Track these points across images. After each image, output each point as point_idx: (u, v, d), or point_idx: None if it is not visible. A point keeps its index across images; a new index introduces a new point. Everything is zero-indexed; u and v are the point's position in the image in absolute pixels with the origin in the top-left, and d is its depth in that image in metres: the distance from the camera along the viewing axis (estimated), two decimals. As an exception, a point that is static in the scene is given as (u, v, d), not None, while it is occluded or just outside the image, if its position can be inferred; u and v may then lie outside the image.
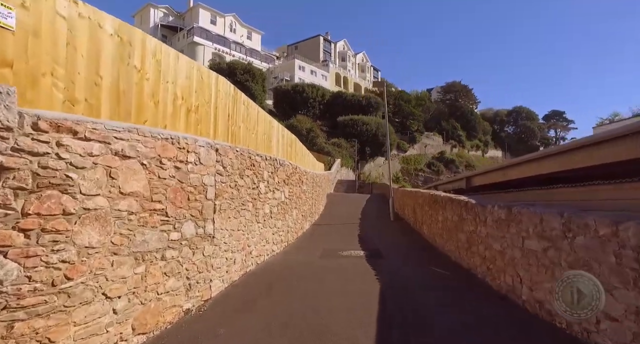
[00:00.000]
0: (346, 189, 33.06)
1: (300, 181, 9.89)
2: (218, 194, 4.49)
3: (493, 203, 4.59)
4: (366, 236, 9.76)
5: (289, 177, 8.31)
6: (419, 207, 9.72)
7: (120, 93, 3.27)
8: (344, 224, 12.17)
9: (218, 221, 4.48)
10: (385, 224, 12.54)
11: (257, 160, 6.00)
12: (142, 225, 3.07)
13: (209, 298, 4.26)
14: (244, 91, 7.43)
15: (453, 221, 6.18)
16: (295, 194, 9.13)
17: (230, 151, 4.87)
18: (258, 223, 6.13)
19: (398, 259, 6.67)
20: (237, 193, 5.12)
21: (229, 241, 4.88)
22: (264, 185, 6.41)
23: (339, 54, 75.71)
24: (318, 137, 40.15)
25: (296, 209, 9.23)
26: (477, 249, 5.04)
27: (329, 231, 10.86)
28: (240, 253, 5.29)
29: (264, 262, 6.34)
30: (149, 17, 54.95)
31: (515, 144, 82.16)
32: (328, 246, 8.19)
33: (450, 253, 6.39)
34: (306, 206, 10.99)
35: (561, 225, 3.15)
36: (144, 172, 3.12)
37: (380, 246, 8.18)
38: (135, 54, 3.48)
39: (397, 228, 11.31)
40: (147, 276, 3.13)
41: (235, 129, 6.28)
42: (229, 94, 5.95)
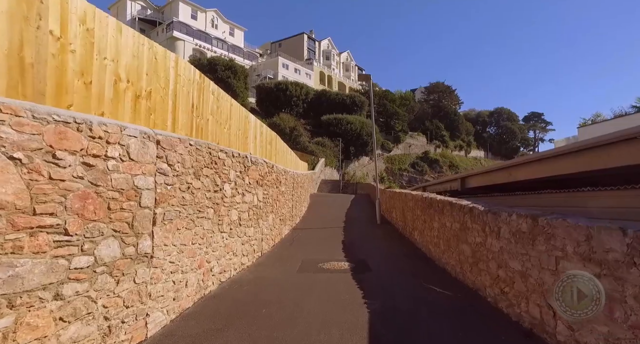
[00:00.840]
0: (330, 189, 32.14)
1: (278, 181, 8.85)
2: (161, 200, 3.43)
3: (509, 210, 3.69)
4: (351, 242, 8.81)
5: (264, 177, 7.27)
6: (409, 210, 8.83)
7: (26, 65, 2.36)
8: (328, 229, 11.20)
9: (160, 235, 3.42)
10: (371, 228, 11.62)
11: (220, 157, 4.95)
12: (9, 252, 2.00)
13: (144, 340, 3.19)
14: (226, 89, 6.48)
15: (453, 229, 5.29)
16: (272, 197, 8.10)
17: (179, 144, 3.81)
18: (222, 233, 5.09)
19: (388, 274, 5.73)
20: (190, 198, 4.07)
21: (179, 258, 3.82)
22: (230, 187, 5.36)
23: (324, 53, 74.80)
24: (301, 136, 39.12)
25: (273, 214, 8.19)
26: (486, 266, 4.15)
27: (311, 236, 9.86)
28: (195, 273, 4.23)
29: (229, 279, 5.28)
30: (125, 9, 52.55)
31: (497, 145, 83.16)
32: (308, 255, 7.19)
33: (450, 267, 5.49)
34: (285, 209, 9.97)
35: (625, 246, 2.25)
36: (15, 171, 2.05)
37: (367, 255, 7.24)
38: (51, 15, 2.52)
39: (384, 233, 10.40)
40: (19, 329, 2.05)
41: (201, 122, 5.26)
42: (194, 81, 4.93)
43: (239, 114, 7.13)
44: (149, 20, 55.04)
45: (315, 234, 10.20)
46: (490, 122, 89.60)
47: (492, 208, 4.11)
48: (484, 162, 73.53)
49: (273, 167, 8.15)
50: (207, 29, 57.19)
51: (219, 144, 5.93)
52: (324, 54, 74.72)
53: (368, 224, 12.51)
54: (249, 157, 6.20)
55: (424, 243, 7.20)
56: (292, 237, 9.54)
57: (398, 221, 10.71)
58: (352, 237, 9.58)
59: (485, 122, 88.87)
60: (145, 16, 55.06)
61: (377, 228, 11.56)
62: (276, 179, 8.57)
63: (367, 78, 11.58)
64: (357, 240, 9.23)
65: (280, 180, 9.10)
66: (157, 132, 3.42)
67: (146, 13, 55.50)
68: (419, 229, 7.64)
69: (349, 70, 79.13)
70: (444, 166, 58.28)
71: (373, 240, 9.37)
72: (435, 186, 11.76)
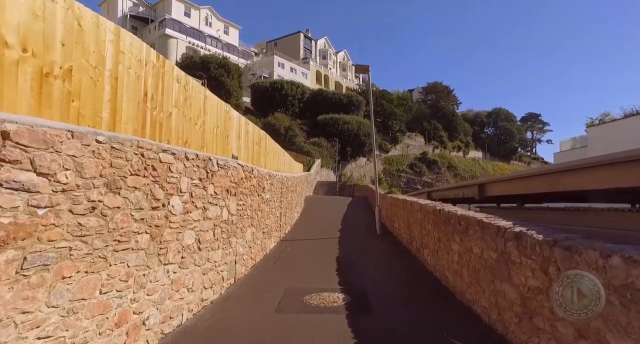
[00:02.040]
0: (326, 191, 30.67)
1: (260, 188, 7.42)
2: (14, 235, 2.00)
3: (598, 245, 2.28)
4: (347, 261, 7.38)
5: (239, 184, 5.84)
6: (416, 223, 7.40)
7: None
8: (321, 240, 9.76)
9: (10, 300, 1.99)
10: (371, 240, 10.19)
11: (162, 160, 3.51)
12: None
13: None
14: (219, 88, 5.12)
15: (485, 258, 3.87)
16: (252, 207, 6.66)
17: (69, 140, 2.37)
18: (167, 265, 3.65)
19: (396, 316, 4.31)
20: (99, 224, 2.64)
21: (67, 325, 2.39)
22: (182, 200, 3.93)
23: (320, 52, 73.42)
24: (297, 136, 37.68)
25: (253, 227, 6.75)
26: (551, 327, 2.73)
27: (301, 251, 8.42)
28: (107, 336, 2.79)
29: (178, 329, 3.84)
30: (116, 6, 50.90)
31: (495, 146, 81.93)
32: (294, 281, 5.77)
33: (480, 310, 4.06)
34: (271, 219, 8.54)
35: None
36: None
37: (367, 281, 5.82)
38: None
39: (386, 248, 8.95)
40: None
41: (160, 116, 3.88)
42: (147, 62, 3.57)
43: (216, 108, 5.73)
44: (141, 18, 53.51)
45: (306, 248, 8.76)
46: (488, 123, 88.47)
47: (558, 238, 2.70)
48: (482, 163, 72.33)
49: (253, 172, 6.72)
50: (201, 26, 55.72)
51: (188, 145, 4.53)
52: (321, 53, 73.36)
53: (367, 234, 11.08)
54: (214, 161, 4.76)
55: (438, 267, 5.78)
56: (278, 253, 8.10)
57: (402, 233, 9.28)
58: (349, 253, 8.15)
59: (483, 123, 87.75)
60: (137, 13, 53.50)
61: (377, 240, 10.12)
62: (257, 185, 7.13)
63: (365, 69, 10.22)
64: (354, 256, 7.80)
65: (263, 186, 7.67)
66: (7, 118, 1.98)
67: (138, 10, 53.93)
68: (431, 247, 6.22)
69: (346, 70, 77.80)
70: (442, 167, 56.99)
71: (373, 257, 7.93)
72: (444, 191, 10.33)
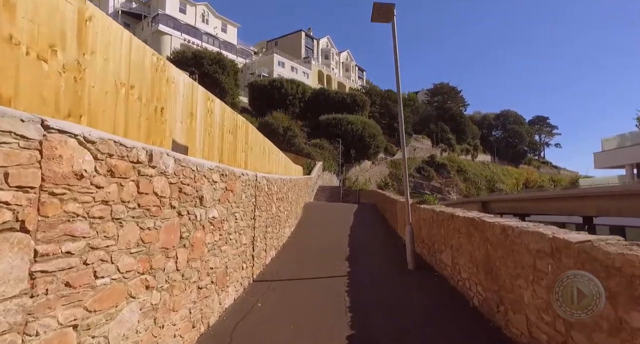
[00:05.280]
0: (329, 197, 27.65)
1: (194, 197, 4.48)
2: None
3: None
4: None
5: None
6: (515, 266, 3.67)
7: None
8: (319, 282, 6.27)
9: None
10: (402, 286, 5.83)
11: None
12: None
13: None
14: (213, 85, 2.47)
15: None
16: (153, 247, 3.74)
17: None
18: None
19: None
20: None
21: None
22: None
23: (322, 52, 70.79)
24: (297, 137, 34.80)
25: (157, 291, 3.82)
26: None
27: (280, 315, 4.67)
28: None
29: None
30: (107, 1, 48.44)
31: (503, 149, 78.94)
32: None
33: None
34: (226, 255, 5.60)
35: None
36: None
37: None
38: None
39: (433, 305, 4.92)
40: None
41: None
42: None
43: (136, 55, 2.87)
44: (134, 14, 51.07)
45: (291, 304, 4.95)
46: (496, 126, 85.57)
47: None
48: (492, 167, 69.29)
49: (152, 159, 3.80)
50: (197, 23, 53.23)
51: None
52: (323, 52, 70.72)
53: (391, 268, 6.98)
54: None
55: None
56: (235, 322, 4.23)
57: (464, 275, 5.17)
58: (368, 322, 4.34)
59: (491, 125, 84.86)
60: (130, 9, 51.06)
61: (414, 286, 5.81)
62: (184, 192, 4.21)
63: (387, 11, 6.85)
64: (379, 335, 3.87)
65: (201, 195, 4.73)
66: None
67: (131, 6, 51.50)
68: (547, 314, 3.23)
69: (349, 70, 75.14)
70: (451, 171, 54.06)
71: (421, 339, 3.80)
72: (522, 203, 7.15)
